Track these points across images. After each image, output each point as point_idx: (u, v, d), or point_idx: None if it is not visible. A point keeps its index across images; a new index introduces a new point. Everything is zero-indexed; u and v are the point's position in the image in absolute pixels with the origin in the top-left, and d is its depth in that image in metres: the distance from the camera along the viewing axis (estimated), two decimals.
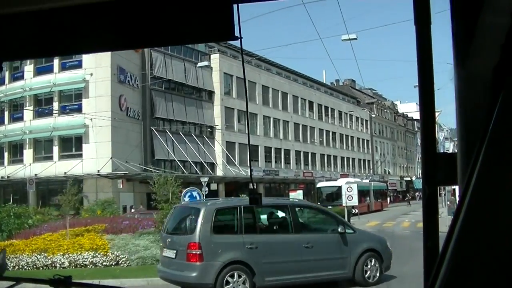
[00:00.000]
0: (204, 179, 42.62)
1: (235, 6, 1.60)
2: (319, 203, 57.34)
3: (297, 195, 58.27)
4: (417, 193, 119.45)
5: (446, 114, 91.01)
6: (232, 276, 12.65)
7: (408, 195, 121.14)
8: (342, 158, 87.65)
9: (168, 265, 13.50)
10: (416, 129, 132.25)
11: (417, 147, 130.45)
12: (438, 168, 1.24)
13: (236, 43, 1.92)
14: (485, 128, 0.95)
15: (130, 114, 50.15)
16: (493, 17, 1.14)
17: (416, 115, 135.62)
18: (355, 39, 38.03)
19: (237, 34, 1.63)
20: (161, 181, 26.06)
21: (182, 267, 12.69)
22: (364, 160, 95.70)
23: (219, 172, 58.40)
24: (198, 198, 23.68)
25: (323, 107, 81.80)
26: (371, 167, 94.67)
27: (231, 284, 12.59)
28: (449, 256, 0.94)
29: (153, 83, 52.41)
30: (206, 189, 43.70)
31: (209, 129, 59.62)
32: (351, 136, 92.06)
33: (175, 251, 13.08)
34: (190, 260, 12.40)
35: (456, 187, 1.24)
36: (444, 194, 49.28)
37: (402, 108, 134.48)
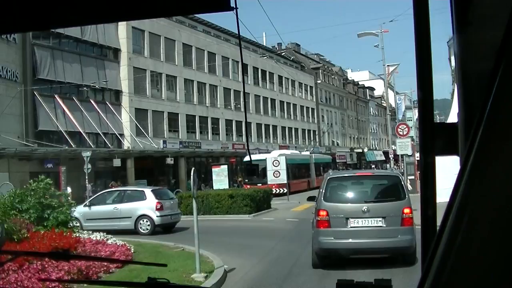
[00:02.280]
0: (86, 154, 33.06)
1: None
2: (245, 181, 48.56)
3: (220, 171, 49.39)
4: (373, 166, 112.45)
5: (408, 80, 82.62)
6: None
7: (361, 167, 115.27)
8: (283, 128, 78.84)
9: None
10: (368, 97, 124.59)
11: (370, 116, 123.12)
12: (436, 138, 1.21)
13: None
14: (487, 96, 0.94)
15: (4, 75, 39.99)
16: None
17: (369, 84, 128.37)
18: None
19: (232, 4, 1.56)
20: None
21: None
22: (309, 131, 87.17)
23: (127, 145, 48.78)
24: None
25: (259, 71, 72.62)
26: (316, 138, 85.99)
27: None
28: (449, 228, 0.94)
29: (36, 37, 42.27)
30: (89, 166, 34.36)
31: (114, 94, 49.81)
32: (293, 104, 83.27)
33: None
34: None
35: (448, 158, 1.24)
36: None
37: (353, 76, 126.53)
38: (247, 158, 47.57)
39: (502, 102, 0.92)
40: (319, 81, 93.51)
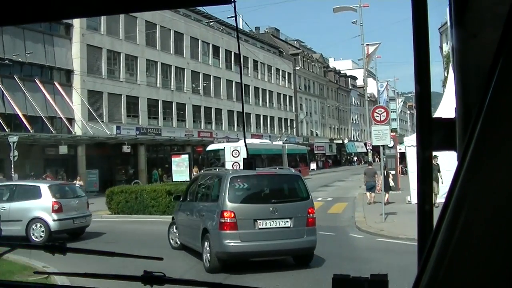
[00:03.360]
0: (12, 139, 28.23)
1: None
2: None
3: (181, 161, 44.55)
4: (355, 158, 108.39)
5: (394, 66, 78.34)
6: None
7: (344, 159, 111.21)
8: (257, 116, 74.17)
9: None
10: (350, 86, 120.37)
11: (351, 106, 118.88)
12: (434, 133, 1.20)
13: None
14: (485, 91, 0.94)
15: None
16: None
17: (352, 73, 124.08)
18: None
19: None
20: None
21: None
22: (285, 119, 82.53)
23: (78, 131, 43.86)
24: None
25: (232, 54, 67.69)
26: (294, 127, 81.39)
27: None
28: (446, 224, 0.94)
29: None
30: (16, 153, 29.49)
31: (64, 74, 44.78)
32: (269, 91, 78.60)
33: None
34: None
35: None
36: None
37: (336, 65, 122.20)
38: (210, 147, 42.80)
39: (501, 98, 0.92)
40: (297, 68, 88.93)
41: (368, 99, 51.55)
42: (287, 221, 12.26)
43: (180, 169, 44.64)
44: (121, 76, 49.23)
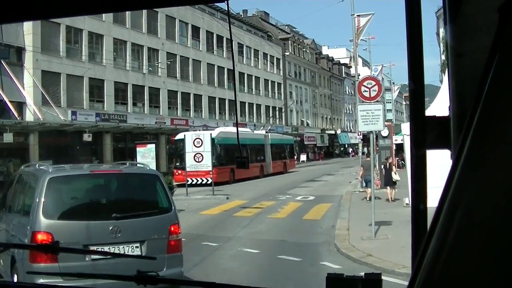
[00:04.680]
0: None
1: None
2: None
3: (147, 151, 39.17)
4: (350, 150, 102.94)
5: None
6: None
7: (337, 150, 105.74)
8: (243, 103, 68.61)
9: None
10: (344, 75, 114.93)
11: (345, 95, 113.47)
12: (428, 131, 1.19)
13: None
14: (480, 88, 0.93)
15: None
16: None
17: (346, 62, 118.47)
18: None
19: None
20: None
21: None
22: (273, 108, 76.89)
23: (30, 116, 38.37)
24: None
25: (214, 36, 62.22)
26: (278, 117, 75.85)
27: None
28: (441, 224, 0.92)
29: None
30: None
31: (14, 53, 39.17)
32: (255, 77, 73.09)
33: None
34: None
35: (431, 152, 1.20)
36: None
37: (330, 54, 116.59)
38: (178, 136, 37.34)
39: (497, 95, 0.90)
40: (287, 53, 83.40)
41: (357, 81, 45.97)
42: (137, 247, 8.27)
43: (146, 160, 39.19)
44: (83, 56, 43.63)
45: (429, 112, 1.23)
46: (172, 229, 8.67)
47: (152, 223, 8.67)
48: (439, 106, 14.59)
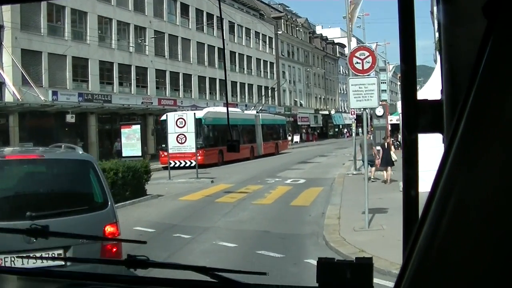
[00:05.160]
0: None
1: None
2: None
3: (132, 132, 37.68)
4: (345, 130, 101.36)
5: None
6: None
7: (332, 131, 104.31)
8: (234, 83, 66.92)
9: None
10: (338, 54, 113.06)
11: (339, 75, 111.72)
12: (420, 115, 1.17)
13: None
14: (474, 72, 0.92)
15: None
16: None
17: (342, 41, 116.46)
18: None
19: None
20: None
21: None
22: (266, 88, 75.10)
23: (10, 97, 36.68)
24: None
25: (204, 14, 60.41)
26: (270, 96, 74.16)
27: None
28: (434, 211, 0.91)
29: None
30: None
31: None
32: (247, 56, 71.30)
33: None
34: None
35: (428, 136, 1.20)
36: None
37: (324, 33, 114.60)
38: (162, 117, 35.68)
39: (490, 80, 0.89)
40: (280, 32, 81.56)
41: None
42: (60, 254, 5.94)
43: (131, 141, 37.66)
44: (65, 34, 41.79)
45: (423, 93, 1.00)
46: (108, 230, 6.72)
47: (81, 223, 6.52)
48: (432, 88, 13.15)
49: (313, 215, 15.94)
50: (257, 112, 51.31)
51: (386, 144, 23.38)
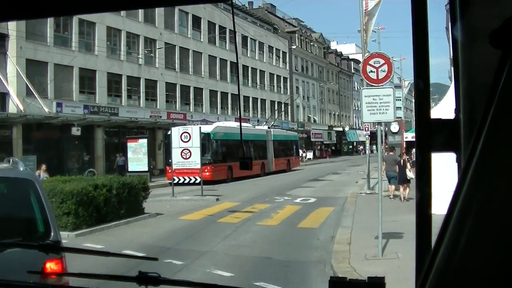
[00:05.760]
0: None
1: None
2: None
3: (138, 146, 36.56)
4: (361, 147, 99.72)
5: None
6: None
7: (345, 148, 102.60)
8: (246, 98, 65.69)
9: None
10: (352, 70, 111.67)
11: (353, 91, 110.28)
12: (434, 133, 1.15)
13: None
14: (493, 89, 0.90)
15: None
16: None
17: (357, 57, 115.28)
18: None
19: None
20: None
21: None
22: (279, 103, 73.73)
23: (14, 108, 35.65)
24: None
25: (217, 27, 59.25)
26: (283, 111, 72.81)
27: None
28: (452, 229, 0.90)
29: None
30: None
31: None
32: (260, 70, 70.07)
33: None
34: None
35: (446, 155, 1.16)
36: None
37: (339, 49, 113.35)
38: (170, 131, 34.38)
39: (509, 99, 0.87)
40: (294, 47, 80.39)
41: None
42: None
43: (137, 156, 36.51)
44: (72, 44, 40.79)
45: (438, 110, 1.00)
46: (49, 266, 5.01)
47: (15, 258, 4.70)
48: (448, 105, 11.83)
49: (321, 239, 14.51)
50: (268, 127, 49.96)
51: (402, 161, 22.18)
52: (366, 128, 37.17)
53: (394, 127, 30.50)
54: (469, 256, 0.81)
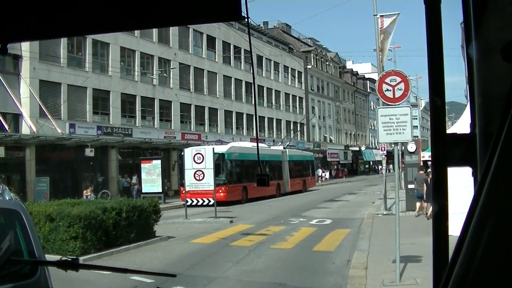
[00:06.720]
0: None
1: None
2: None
3: (152, 167, 36.22)
4: (380, 167, 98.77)
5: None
6: None
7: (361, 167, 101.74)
8: (262, 118, 65.26)
9: None
10: (368, 89, 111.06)
11: (369, 111, 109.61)
12: (450, 149, 1.16)
13: None
14: (508, 104, 0.92)
15: None
16: None
17: (373, 76, 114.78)
18: None
19: (243, 13, 1.56)
20: None
21: None
22: (295, 123, 73.25)
23: (27, 129, 35.48)
24: None
25: (231, 47, 59.10)
26: (299, 130, 72.27)
27: None
28: (469, 241, 0.91)
29: None
30: None
31: (11, 60, 36.31)
32: (276, 90, 69.76)
33: None
34: None
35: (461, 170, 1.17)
36: None
37: (355, 68, 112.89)
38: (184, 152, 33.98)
39: None
40: (309, 66, 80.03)
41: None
42: None
43: (151, 177, 36.15)
44: (86, 65, 40.68)
45: (455, 129, 0.99)
46: None
47: None
48: (466, 123, 11.27)
49: (337, 263, 13.91)
50: (284, 147, 49.45)
51: (429, 179, 21.88)
52: (383, 148, 36.55)
53: (411, 147, 29.78)
54: (485, 270, 0.81)
